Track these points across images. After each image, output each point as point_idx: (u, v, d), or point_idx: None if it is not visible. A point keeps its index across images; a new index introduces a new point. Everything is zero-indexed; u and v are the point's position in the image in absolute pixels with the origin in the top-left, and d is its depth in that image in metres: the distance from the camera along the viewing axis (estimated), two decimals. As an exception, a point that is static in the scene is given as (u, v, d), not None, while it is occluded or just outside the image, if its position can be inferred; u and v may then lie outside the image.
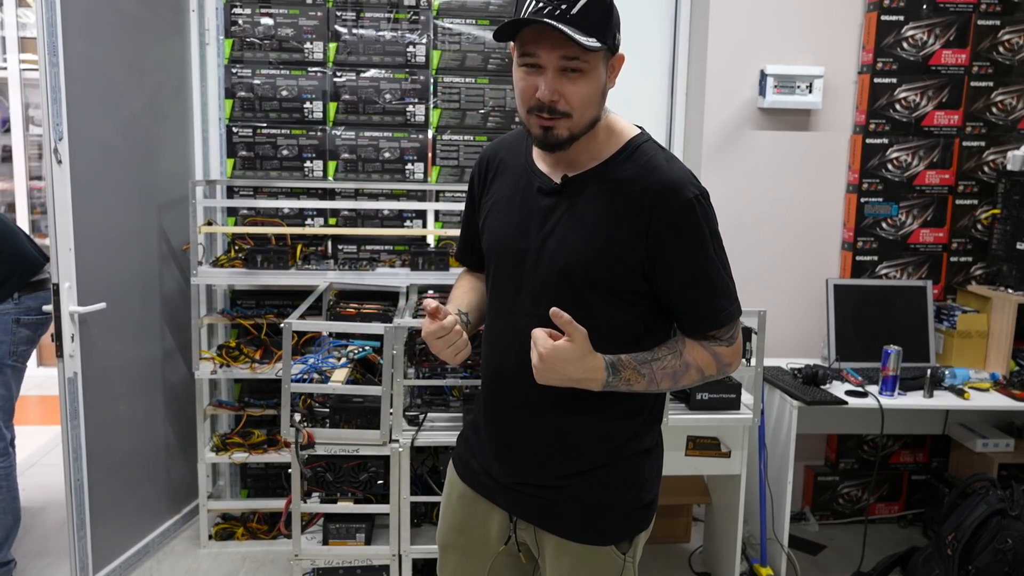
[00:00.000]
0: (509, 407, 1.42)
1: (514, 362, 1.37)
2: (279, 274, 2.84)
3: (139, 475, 2.82)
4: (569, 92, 1.25)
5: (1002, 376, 2.90)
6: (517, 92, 1.29)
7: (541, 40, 1.22)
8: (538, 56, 1.24)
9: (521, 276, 1.37)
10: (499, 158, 1.47)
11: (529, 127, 1.30)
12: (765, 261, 3.21)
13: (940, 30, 3.04)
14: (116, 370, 2.66)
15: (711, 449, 2.50)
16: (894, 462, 3.34)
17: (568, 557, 1.41)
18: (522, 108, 1.29)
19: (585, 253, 1.31)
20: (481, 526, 1.51)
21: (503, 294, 1.42)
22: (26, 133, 5.14)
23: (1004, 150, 3.12)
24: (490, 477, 1.47)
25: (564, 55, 1.22)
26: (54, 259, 2.32)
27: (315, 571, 2.49)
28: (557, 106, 1.25)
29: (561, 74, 1.24)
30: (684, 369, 1.35)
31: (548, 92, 1.24)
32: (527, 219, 1.37)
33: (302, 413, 2.36)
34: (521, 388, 1.37)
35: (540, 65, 1.24)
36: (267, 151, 3.00)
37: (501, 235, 1.41)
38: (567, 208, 1.33)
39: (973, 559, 2.56)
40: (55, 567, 2.82)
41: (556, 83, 1.24)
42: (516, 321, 1.37)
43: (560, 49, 1.22)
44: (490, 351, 1.47)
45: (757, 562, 2.80)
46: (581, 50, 1.21)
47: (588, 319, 1.26)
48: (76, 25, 2.36)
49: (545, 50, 1.23)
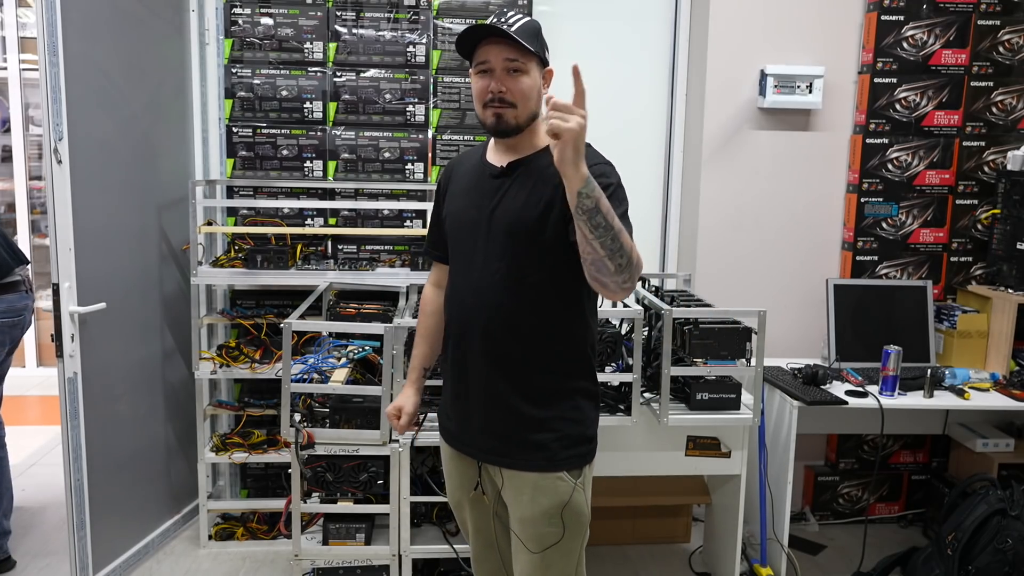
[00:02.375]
0: (472, 354, 1.69)
1: (472, 312, 1.69)
2: (279, 274, 2.84)
3: (139, 475, 2.82)
4: (513, 86, 1.62)
5: (1002, 376, 2.90)
6: (474, 94, 1.66)
7: (490, 49, 1.62)
8: (488, 61, 1.62)
9: (476, 241, 1.69)
10: (458, 165, 1.84)
11: (484, 119, 1.65)
12: (765, 261, 3.21)
13: (940, 30, 3.04)
14: (116, 370, 2.66)
15: (711, 449, 2.50)
16: (894, 462, 3.34)
17: (528, 487, 1.68)
18: (479, 105, 1.66)
19: (524, 214, 1.64)
20: (460, 474, 1.83)
21: (462, 258, 1.74)
22: (26, 133, 5.14)
23: (1004, 150, 3.12)
24: (461, 426, 1.77)
25: (507, 57, 1.61)
26: (54, 259, 2.32)
27: (315, 571, 2.49)
28: (505, 96, 1.62)
29: (506, 73, 1.62)
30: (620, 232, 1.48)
31: (496, 84, 1.62)
32: (479, 197, 1.71)
33: (302, 413, 2.36)
34: (481, 335, 1.67)
35: (490, 69, 1.62)
36: (267, 151, 3.00)
37: (460, 212, 1.75)
38: (511, 184, 1.67)
39: (973, 559, 2.56)
40: (55, 567, 2.82)
41: (503, 79, 1.62)
42: (473, 275, 1.69)
43: (504, 53, 1.61)
44: (452, 308, 1.76)
45: (757, 562, 2.80)
46: (519, 53, 1.61)
47: (530, 266, 1.63)
48: (76, 25, 2.36)
49: (493, 55, 1.62)
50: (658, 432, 2.45)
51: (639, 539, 3.11)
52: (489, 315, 1.66)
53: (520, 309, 1.65)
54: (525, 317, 1.66)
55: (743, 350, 2.45)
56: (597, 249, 1.45)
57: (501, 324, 1.66)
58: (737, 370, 2.46)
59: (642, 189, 3.39)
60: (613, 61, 3.29)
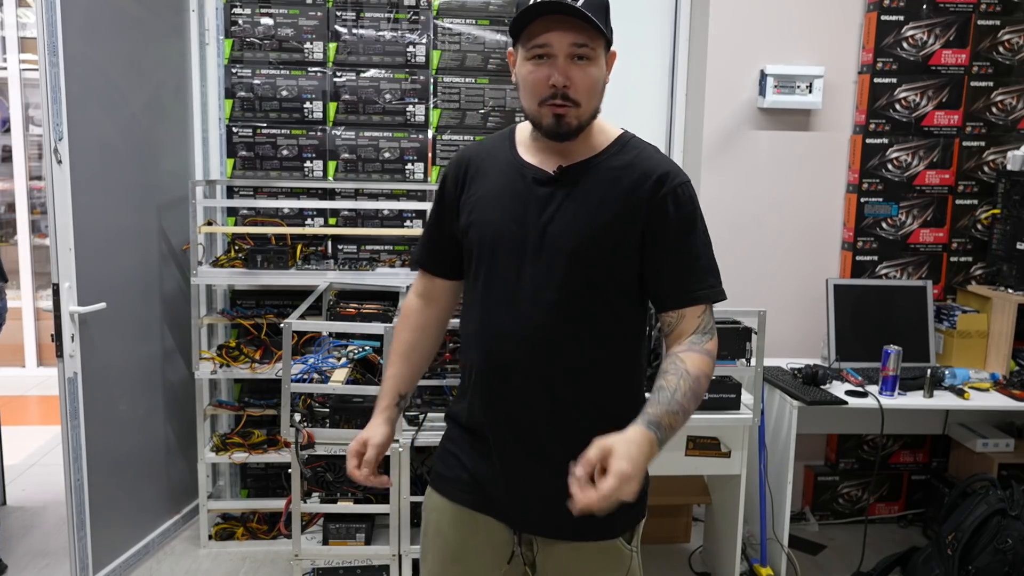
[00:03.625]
0: (515, 403, 1.37)
1: (516, 351, 1.36)
2: (279, 274, 2.84)
3: (139, 475, 2.82)
4: (578, 79, 1.29)
5: (1002, 376, 2.90)
6: (527, 85, 1.32)
7: (552, 28, 1.27)
8: (549, 45, 1.28)
9: (522, 264, 1.36)
10: (478, 159, 1.46)
11: (540, 118, 1.33)
12: (765, 261, 3.21)
13: (940, 30, 3.04)
14: (116, 370, 2.66)
15: (711, 449, 2.50)
16: (894, 462, 3.34)
17: (577, 560, 1.39)
18: (533, 100, 1.32)
19: (591, 234, 1.34)
20: (485, 546, 1.44)
21: (498, 284, 1.38)
22: (26, 133, 5.14)
23: (1004, 150, 3.12)
24: (492, 488, 1.41)
25: (575, 41, 1.27)
26: (54, 259, 2.32)
27: (315, 571, 2.49)
28: (569, 93, 1.29)
29: (571, 61, 1.29)
30: (697, 384, 1.32)
31: (561, 77, 1.28)
32: (523, 208, 1.36)
33: (302, 413, 2.36)
34: (527, 380, 1.36)
35: (550, 54, 1.28)
36: (267, 151, 3.00)
37: (496, 226, 1.38)
38: (566, 195, 1.35)
39: (973, 559, 2.56)
40: (55, 567, 2.82)
41: (567, 69, 1.28)
42: (517, 309, 1.36)
43: (571, 35, 1.27)
44: (484, 345, 1.40)
45: (757, 562, 2.80)
46: (590, 36, 1.27)
47: (592, 297, 1.34)
48: (76, 25, 2.36)
49: (556, 37, 1.27)
50: (658, 432, 2.44)
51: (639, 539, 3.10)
52: (542, 356, 1.35)
53: (578, 349, 1.35)
54: (584, 358, 1.36)
55: (743, 350, 2.45)
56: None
57: (557, 368, 1.35)
58: (737, 370, 2.46)
59: (642, 189, 3.38)
60: (613, 61, 3.28)
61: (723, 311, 2.52)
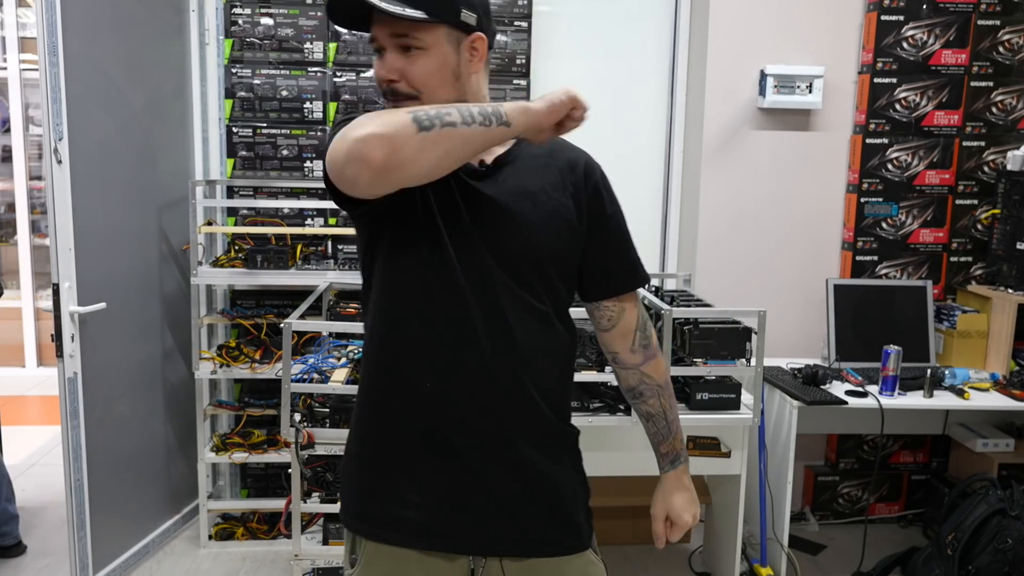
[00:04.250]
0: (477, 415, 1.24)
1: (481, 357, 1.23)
2: (279, 274, 2.84)
3: (139, 475, 2.82)
4: (408, 71, 1.19)
5: (1002, 376, 2.90)
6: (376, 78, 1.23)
7: (377, 21, 1.19)
8: (376, 39, 1.20)
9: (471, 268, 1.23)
10: None
11: None
12: (765, 261, 3.21)
13: (940, 30, 3.04)
14: (116, 370, 2.66)
15: (711, 449, 2.49)
16: (894, 462, 3.34)
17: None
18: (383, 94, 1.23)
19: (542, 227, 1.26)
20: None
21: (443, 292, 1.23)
22: (26, 133, 5.14)
23: (1004, 150, 3.12)
24: (452, 514, 1.26)
25: (393, 32, 1.18)
26: (54, 259, 2.32)
27: (315, 571, 2.49)
28: (398, 87, 1.19)
29: (401, 53, 1.19)
30: (670, 390, 1.45)
31: (385, 70, 1.19)
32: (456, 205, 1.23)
33: (302, 413, 2.36)
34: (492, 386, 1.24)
35: (382, 48, 1.20)
36: (267, 151, 3.00)
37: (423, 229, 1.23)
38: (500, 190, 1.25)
39: (973, 559, 2.56)
40: (55, 567, 2.82)
41: (395, 62, 1.19)
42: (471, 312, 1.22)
43: (388, 26, 1.18)
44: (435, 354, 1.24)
45: (757, 562, 2.80)
46: (409, 26, 1.16)
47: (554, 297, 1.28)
48: (76, 25, 2.35)
49: (378, 30, 1.19)
50: (658, 432, 2.44)
51: (639, 539, 3.11)
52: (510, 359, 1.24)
53: (540, 346, 1.27)
54: (546, 356, 1.29)
55: (743, 350, 2.45)
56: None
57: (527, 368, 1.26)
58: (737, 370, 2.46)
59: (642, 189, 3.39)
60: (613, 61, 3.29)
61: (723, 311, 2.52)
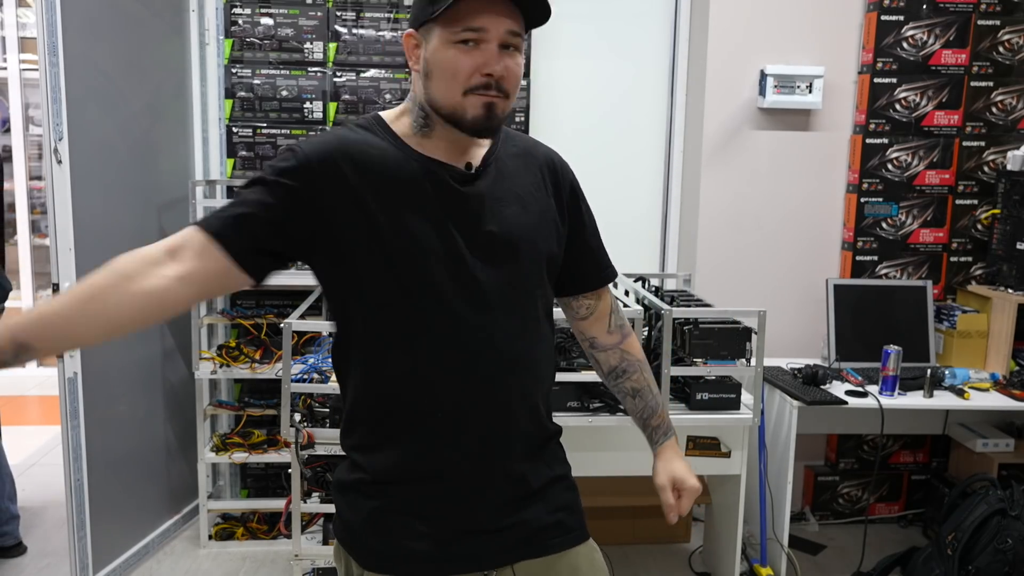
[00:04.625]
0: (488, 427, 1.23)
1: (487, 371, 1.21)
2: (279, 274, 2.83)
3: (139, 475, 2.82)
4: (511, 70, 1.17)
5: (1002, 376, 2.90)
6: (448, 72, 1.14)
7: (487, 11, 1.13)
8: (485, 29, 1.13)
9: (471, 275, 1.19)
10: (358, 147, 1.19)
11: (464, 109, 1.16)
12: (765, 261, 3.21)
13: (940, 30, 3.04)
14: (116, 370, 2.66)
15: (711, 449, 2.49)
16: (894, 462, 3.33)
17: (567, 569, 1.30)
18: (456, 89, 1.15)
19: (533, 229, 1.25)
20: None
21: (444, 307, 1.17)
22: (26, 133, 5.14)
23: (1004, 150, 3.12)
24: (467, 534, 1.24)
25: (511, 29, 1.15)
26: (54, 259, 2.32)
27: (315, 571, 2.49)
28: (502, 82, 1.16)
29: (503, 50, 1.16)
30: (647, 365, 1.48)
31: (501, 66, 1.15)
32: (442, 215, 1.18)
33: (302, 413, 2.36)
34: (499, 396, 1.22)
35: (482, 40, 1.13)
36: (267, 151, 3.00)
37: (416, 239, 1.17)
38: (490, 194, 1.22)
39: (973, 559, 2.56)
40: (55, 567, 2.82)
41: (505, 59, 1.16)
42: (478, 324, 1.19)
43: (508, 22, 1.14)
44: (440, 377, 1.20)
45: (757, 562, 2.80)
46: (521, 26, 1.16)
47: (545, 298, 1.30)
48: (76, 25, 2.36)
49: (493, 21, 1.13)
50: (658, 432, 2.44)
51: (639, 539, 3.11)
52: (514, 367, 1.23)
53: (538, 349, 1.27)
54: (542, 357, 1.29)
55: (743, 350, 2.45)
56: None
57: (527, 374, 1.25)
58: (737, 370, 2.46)
59: (642, 189, 3.39)
60: (613, 61, 3.29)
61: (723, 311, 2.52)
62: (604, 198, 3.26)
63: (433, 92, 1.17)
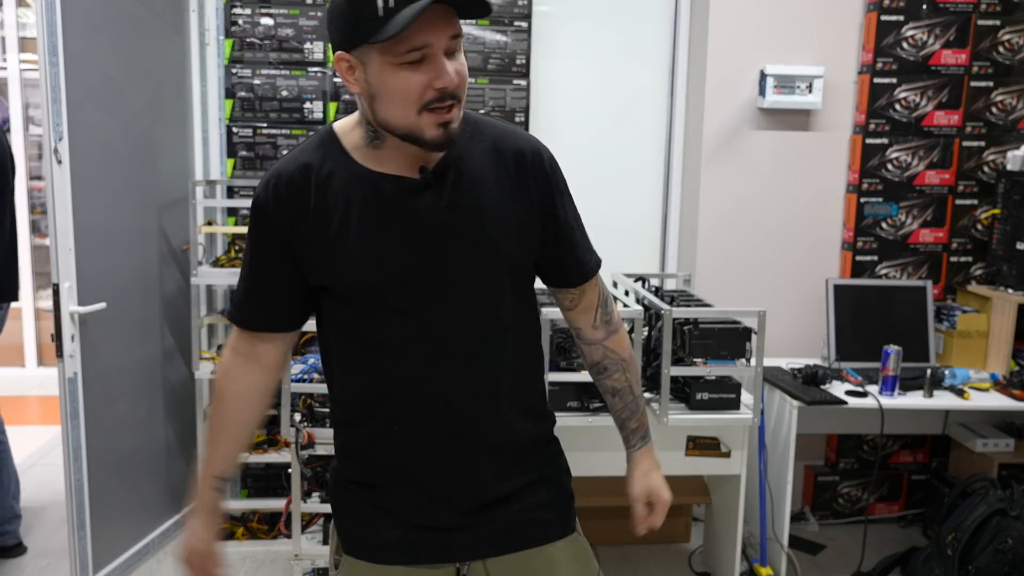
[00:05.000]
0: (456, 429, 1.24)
1: (454, 385, 1.22)
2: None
3: (139, 475, 2.82)
4: (461, 74, 1.13)
5: (1002, 376, 2.90)
6: (400, 94, 1.10)
7: (430, 24, 1.07)
8: (429, 45, 1.08)
9: (434, 289, 1.19)
10: (306, 180, 1.20)
11: (421, 129, 1.12)
12: (765, 261, 3.21)
13: (940, 30, 3.04)
14: (116, 370, 2.66)
15: (711, 449, 2.50)
16: (894, 462, 3.34)
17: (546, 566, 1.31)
18: (410, 110, 1.11)
19: (500, 232, 1.21)
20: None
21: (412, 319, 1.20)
22: (26, 133, 5.14)
23: (1004, 150, 3.12)
24: (441, 525, 1.27)
25: (453, 33, 1.11)
26: (54, 259, 2.32)
27: (315, 571, 2.49)
28: (457, 90, 1.12)
29: (449, 56, 1.11)
30: (634, 363, 1.45)
31: (454, 75, 1.11)
32: (403, 228, 1.17)
33: (302, 413, 2.36)
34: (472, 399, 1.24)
35: (427, 55, 1.09)
36: (267, 151, 3.00)
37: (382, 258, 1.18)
38: (448, 199, 1.18)
39: (973, 559, 2.56)
40: (55, 567, 2.82)
41: (456, 66, 1.11)
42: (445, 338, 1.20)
43: (449, 27, 1.10)
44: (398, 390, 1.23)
45: (757, 562, 2.80)
46: (458, 25, 1.12)
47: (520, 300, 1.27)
48: (76, 25, 2.35)
49: (435, 34, 1.08)
50: (658, 432, 2.42)
51: (639, 539, 3.11)
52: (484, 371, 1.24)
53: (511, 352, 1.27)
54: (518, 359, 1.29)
55: (743, 350, 2.45)
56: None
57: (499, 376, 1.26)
58: (737, 370, 2.46)
59: (642, 189, 3.39)
60: (613, 61, 3.29)
61: (723, 311, 2.52)
62: (604, 198, 3.30)
63: (383, 114, 1.13)
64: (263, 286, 1.27)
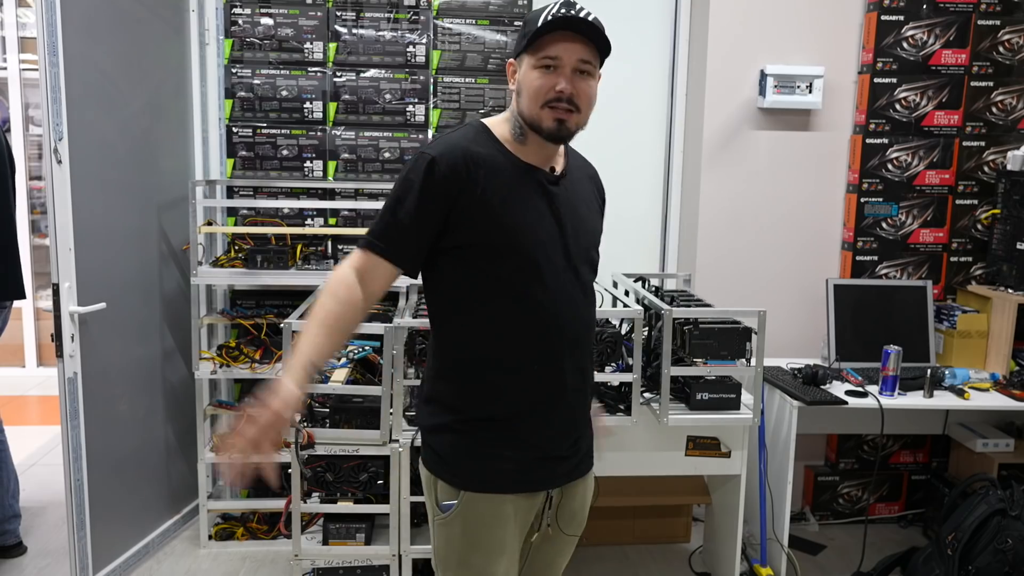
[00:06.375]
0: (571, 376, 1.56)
1: (577, 334, 1.56)
2: (279, 274, 2.84)
3: (139, 475, 2.82)
4: (581, 90, 1.49)
5: (1002, 376, 2.90)
6: (532, 89, 1.47)
7: (561, 43, 1.46)
8: (559, 58, 1.46)
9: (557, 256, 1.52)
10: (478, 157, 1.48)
11: (540, 120, 1.47)
12: (765, 261, 3.21)
13: (940, 30, 3.04)
14: (116, 370, 2.66)
15: (711, 449, 2.49)
16: (894, 462, 3.34)
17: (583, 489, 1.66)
18: (536, 103, 1.47)
19: (596, 228, 1.66)
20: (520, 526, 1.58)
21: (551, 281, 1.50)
22: (26, 133, 5.14)
23: (1004, 150, 3.12)
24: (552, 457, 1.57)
25: (582, 58, 1.48)
26: (54, 259, 2.32)
27: (315, 571, 2.49)
28: (574, 98, 1.47)
29: (576, 74, 1.48)
30: None
31: (569, 86, 1.46)
32: (544, 206, 1.52)
33: (302, 413, 2.36)
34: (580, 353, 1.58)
35: (558, 66, 1.46)
36: (267, 151, 3.00)
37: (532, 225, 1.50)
38: (570, 196, 1.57)
39: (973, 559, 2.56)
40: (55, 567, 2.83)
41: (573, 80, 1.48)
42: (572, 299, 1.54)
43: (580, 51, 1.48)
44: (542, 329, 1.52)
45: (757, 562, 2.80)
46: (593, 55, 1.50)
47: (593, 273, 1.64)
48: (76, 25, 2.36)
49: (566, 51, 1.46)
50: (658, 432, 2.45)
51: (639, 539, 3.11)
52: (589, 334, 1.63)
53: (592, 317, 1.66)
54: (592, 322, 1.69)
55: (743, 350, 2.45)
56: None
57: (588, 336, 1.63)
58: (737, 370, 2.46)
59: (642, 189, 3.39)
60: (613, 61, 3.24)
61: (723, 311, 2.52)
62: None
63: (521, 105, 1.50)
64: (411, 227, 1.47)
